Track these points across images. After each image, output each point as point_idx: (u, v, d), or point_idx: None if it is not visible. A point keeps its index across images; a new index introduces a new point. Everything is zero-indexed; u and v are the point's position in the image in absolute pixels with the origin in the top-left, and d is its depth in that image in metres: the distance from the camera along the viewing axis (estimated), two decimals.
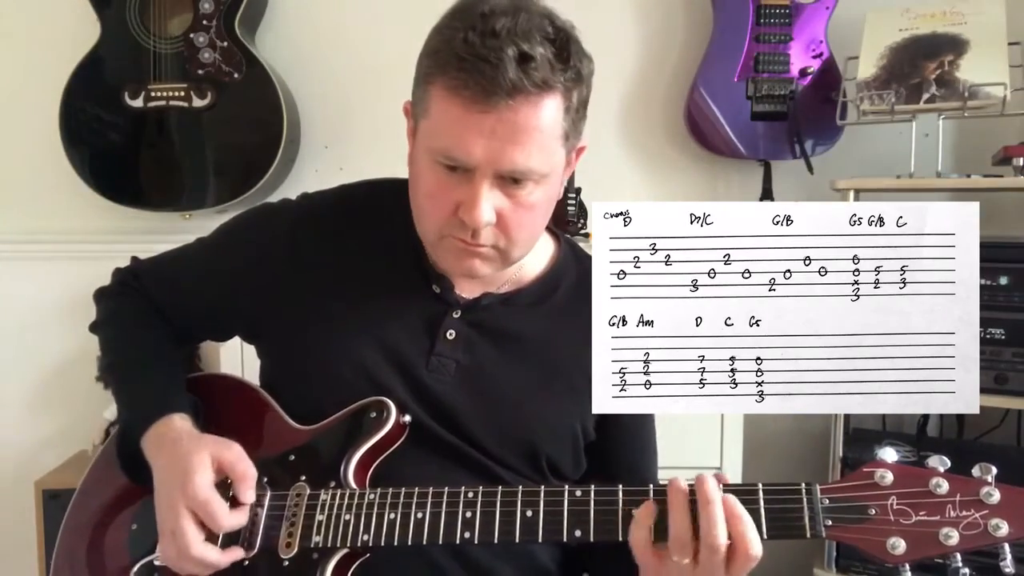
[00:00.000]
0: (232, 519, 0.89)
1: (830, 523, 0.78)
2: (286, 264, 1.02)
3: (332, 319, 0.99)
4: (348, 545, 0.88)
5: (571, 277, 1.06)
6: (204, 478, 0.88)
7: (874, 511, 0.78)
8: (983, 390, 0.84)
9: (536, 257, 1.04)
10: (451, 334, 0.99)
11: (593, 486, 0.85)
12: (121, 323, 1.10)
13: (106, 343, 1.10)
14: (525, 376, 1.00)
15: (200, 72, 2.02)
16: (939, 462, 0.78)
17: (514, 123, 0.84)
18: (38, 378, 2.26)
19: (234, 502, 0.90)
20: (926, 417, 1.99)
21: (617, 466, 1.06)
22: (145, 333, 1.08)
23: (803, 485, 0.79)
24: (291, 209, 1.06)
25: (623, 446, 1.06)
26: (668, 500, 0.80)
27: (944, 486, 0.77)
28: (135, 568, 0.95)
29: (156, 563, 0.94)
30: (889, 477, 0.78)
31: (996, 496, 0.75)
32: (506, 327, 1.01)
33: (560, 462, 1.02)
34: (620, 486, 0.84)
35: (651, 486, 0.83)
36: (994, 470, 0.77)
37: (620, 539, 0.82)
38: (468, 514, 0.86)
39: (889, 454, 0.80)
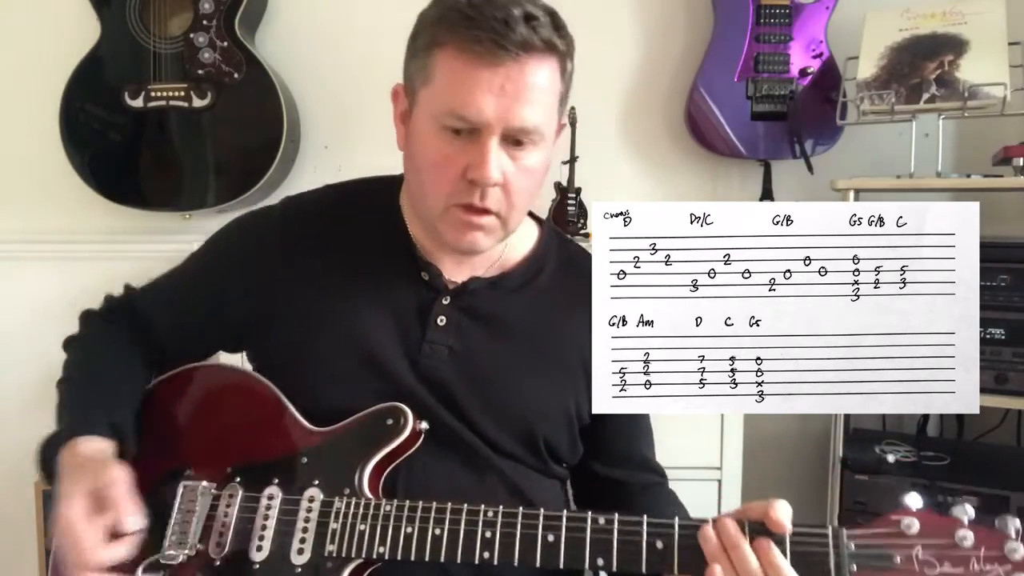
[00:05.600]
0: (104, 554, 0.85)
1: (855, 568, 0.77)
2: (276, 264, 1.03)
3: (325, 314, 1.00)
4: (364, 556, 0.88)
5: (555, 259, 1.07)
6: (74, 512, 0.86)
7: (899, 559, 0.77)
8: (983, 390, 0.84)
9: (521, 240, 1.06)
10: (442, 320, 1.00)
11: (617, 515, 0.84)
12: (86, 346, 1.09)
13: (65, 362, 1.09)
14: (516, 359, 1.01)
15: (200, 72, 2.02)
16: (963, 511, 0.78)
17: (522, 80, 0.88)
18: (38, 378, 2.26)
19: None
20: (926, 417, 1.99)
21: (614, 453, 1.07)
22: (102, 359, 1.06)
23: (830, 528, 0.79)
24: (275, 212, 1.08)
25: (618, 432, 1.07)
26: (706, 553, 0.79)
27: (969, 539, 0.76)
28: (141, 566, 0.94)
29: (162, 561, 0.93)
30: (916, 526, 0.78)
31: (1020, 552, 0.75)
32: (494, 311, 1.02)
33: (557, 445, 1.03)
34: (644, 517, 0.83)
35: (676, 520, 0.82)
36: (1018, 523, 0.77)
37: (643, 571, 0.81)
38: (488, 534, 0.85)
39: (915, 500, 0.79)
